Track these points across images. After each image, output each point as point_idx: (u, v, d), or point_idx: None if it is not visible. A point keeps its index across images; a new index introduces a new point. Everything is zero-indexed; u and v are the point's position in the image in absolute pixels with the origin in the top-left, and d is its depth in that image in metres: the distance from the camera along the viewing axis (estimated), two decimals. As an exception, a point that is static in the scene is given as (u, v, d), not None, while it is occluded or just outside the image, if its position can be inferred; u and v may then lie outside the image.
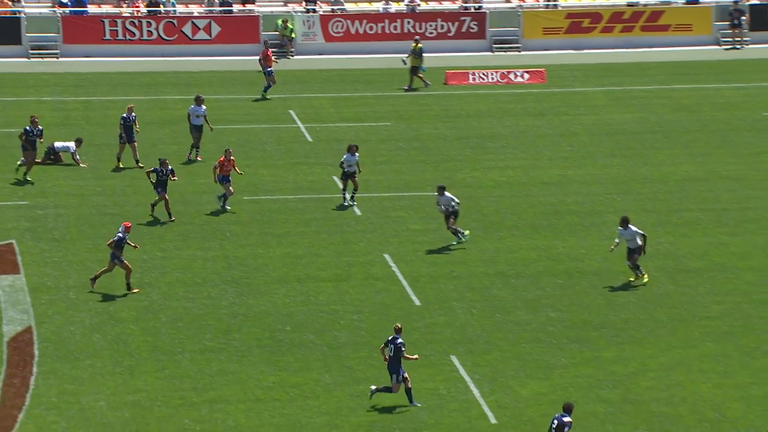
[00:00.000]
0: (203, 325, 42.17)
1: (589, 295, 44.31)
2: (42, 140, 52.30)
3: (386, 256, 46.87)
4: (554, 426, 33.56)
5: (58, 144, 54.52)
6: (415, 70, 64.90)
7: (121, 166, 53.99)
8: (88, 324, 42.15)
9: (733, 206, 51.59)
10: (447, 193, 46.14)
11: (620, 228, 44.07)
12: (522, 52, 71.13)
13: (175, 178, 48.65)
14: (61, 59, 68.81)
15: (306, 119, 60.82)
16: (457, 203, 46.40)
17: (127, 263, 43.44)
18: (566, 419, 33.60)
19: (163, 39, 69.40)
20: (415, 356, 37.72)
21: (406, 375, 36.74)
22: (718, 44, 72.28)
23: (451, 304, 43.65)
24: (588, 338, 41.66)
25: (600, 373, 39.64)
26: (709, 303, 43.91)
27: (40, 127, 52.07)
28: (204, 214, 50.07)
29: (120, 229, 43.43)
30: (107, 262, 43.33)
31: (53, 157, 54.43)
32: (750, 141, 58.56)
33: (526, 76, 66.77)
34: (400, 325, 37.39)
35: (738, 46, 71.87)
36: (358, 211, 50.34)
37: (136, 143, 53.76)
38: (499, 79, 66.56)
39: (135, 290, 43.58)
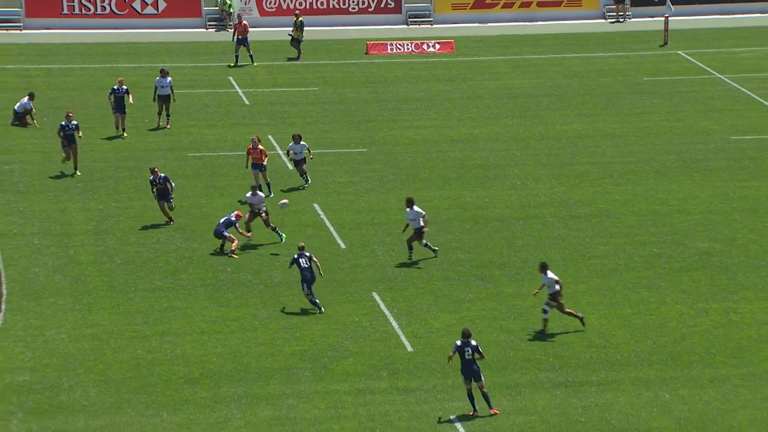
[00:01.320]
0: (153, 266, 42.06)
1: (493, 238, 44.57)
2: (81, 135, 48.74)
3: (315, 205, 46.87)
4: (469, 352, 33.78)
5: (17, 106, 53.95)
6: (296, 41, 64.44)
7: (125, 135, 52.67)
8: (50, 266, 41.93)
9: (617, 160, 51.97)
10: (260, 193, 43.92)
11: (407, 209, 42.31)
12: (434, 26, 71.02)
13: (173, 184, 44.96)
14: (23, 31, 68.00)
15: (243, 85, 60.56)
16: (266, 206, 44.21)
17: (233, 236, 42.44)
18: (474, 343, 33.83)
19: (115, 13, 68.68)
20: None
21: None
22: (604, 18, 72.51)
23: (373, 248, 43.76)
24: (492, 276, 41.92)
25: (502, 306, 39.93)
26: (596, 244, 44.28)
27: (75, 122, 48.42)
28: (103, 156, 49.77)
29: (233, 213, 42.87)
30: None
31: (18, 121, 53.89)
32: (632, 103, 58.93)
33: (438, 46, 66.73)
34: (303, 244, 39.52)
35: (621, 20, 72.13)
36: (290, 166, 50.24)
37: (125, 114, 52.43)
38: (414, 50, 66.47)
39: (235, 255, 42.49)
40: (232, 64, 62.75)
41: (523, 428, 33.81)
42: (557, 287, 37.87)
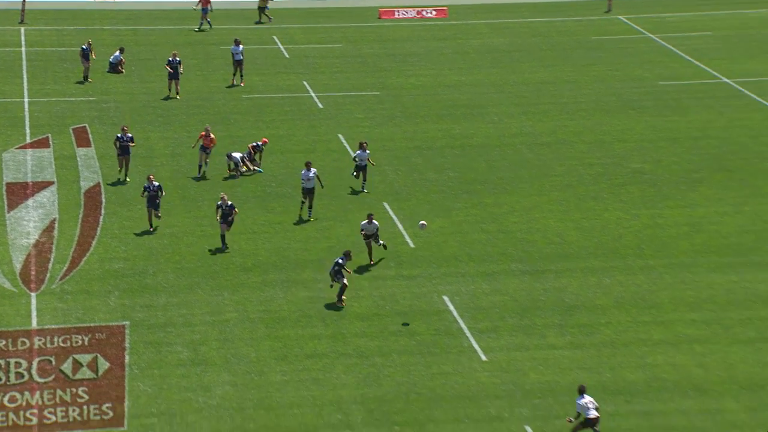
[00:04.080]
0: (216, 182, 41.91)
1: (476, 161, 44.42)
2: (134, 144, 41.92)
3: (340, 135, 46.67)
4: (340, 262, 33.20)
5: (112, 57, 53.62)
6: (262, 9, 62.85)
7: (179, 97, 49.64)
8: (138, 181, 41.85)
9: (571, 100, 51.64)
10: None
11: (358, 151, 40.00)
12: (431, -4, 70.33)
13: (163, 193, 38.09)
14: (116, 0, 67.35)
15: (284, 42, 60.03)
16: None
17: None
18: (342, 260, 33.26)
19: (186, -13, 67.96)
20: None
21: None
22: (563, -9, 71.74)
23: (384, 167, 43.60)
24: (475, 190, 41.83)
25: (483, 214, 39.89)
26: (555, 165, 44.13)
27: (130, 134, 41.63)
28: (215, 107, 49.56)
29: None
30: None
31: (112, 70, 53.54)
32: (583, 56, 58.41)
33: (434, 12, 66.00)
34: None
35: (576, -7, 71.40)
36: (320, 104, 49.95)
37: (179, 81, 50.02)
38: (416, 15, 65.77)
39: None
40: (196, 29, 60.68)
41: (498, 305, 33.91)
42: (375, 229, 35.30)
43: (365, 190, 41.16)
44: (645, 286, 35.07)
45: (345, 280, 33.42)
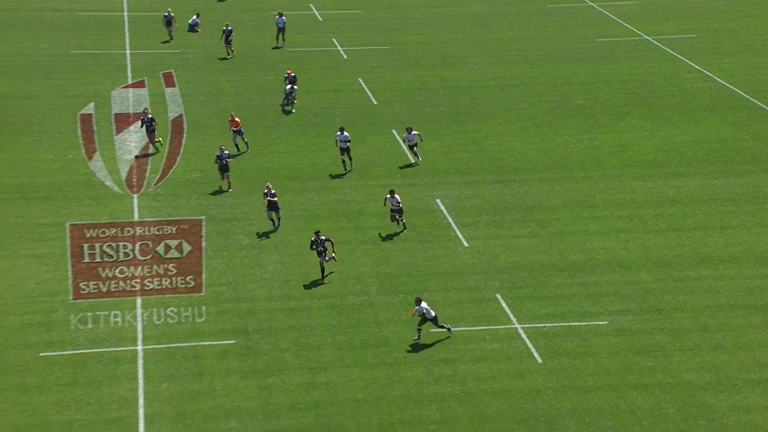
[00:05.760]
0: (268, 113, 41.32)
1: (461, 98, 43.68)
2: (157, 123, 37.11)
3: (360, 79, 45.84)
4: (321, 242, 28.61)
5: (190, 20, 52.57)
6: None
7: (227, 57, 47.17)
8: (210, 112, 41.31)
9: (532, 53, 50.51)
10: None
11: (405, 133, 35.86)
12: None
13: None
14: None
15: (318, 8, 58.64)
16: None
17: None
18: (323, 237, 28.57)
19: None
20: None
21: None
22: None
23: (392, 103, 42.89)
24: (461, 120, 41.20)
25: (466, 138, 39.35)
26: (519, 101, 43.30)
27: (151, 116, 36.30)
28: (266, 58, 48.57)
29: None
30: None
31: (190, 30, 52.49)
32: (541, 20, 56.92)
33: (430, -14, 64.21)
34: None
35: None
36: (345, 56, 48.96)
37: (231, 45, 47.16)
38: (416, -12, 64.06)
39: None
40: None
41: (476, 206, 33.62)
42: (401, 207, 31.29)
43: (420, 160, 36.28)
44: (585, 191, 34.70)
45: (333, 255, 28.79)
